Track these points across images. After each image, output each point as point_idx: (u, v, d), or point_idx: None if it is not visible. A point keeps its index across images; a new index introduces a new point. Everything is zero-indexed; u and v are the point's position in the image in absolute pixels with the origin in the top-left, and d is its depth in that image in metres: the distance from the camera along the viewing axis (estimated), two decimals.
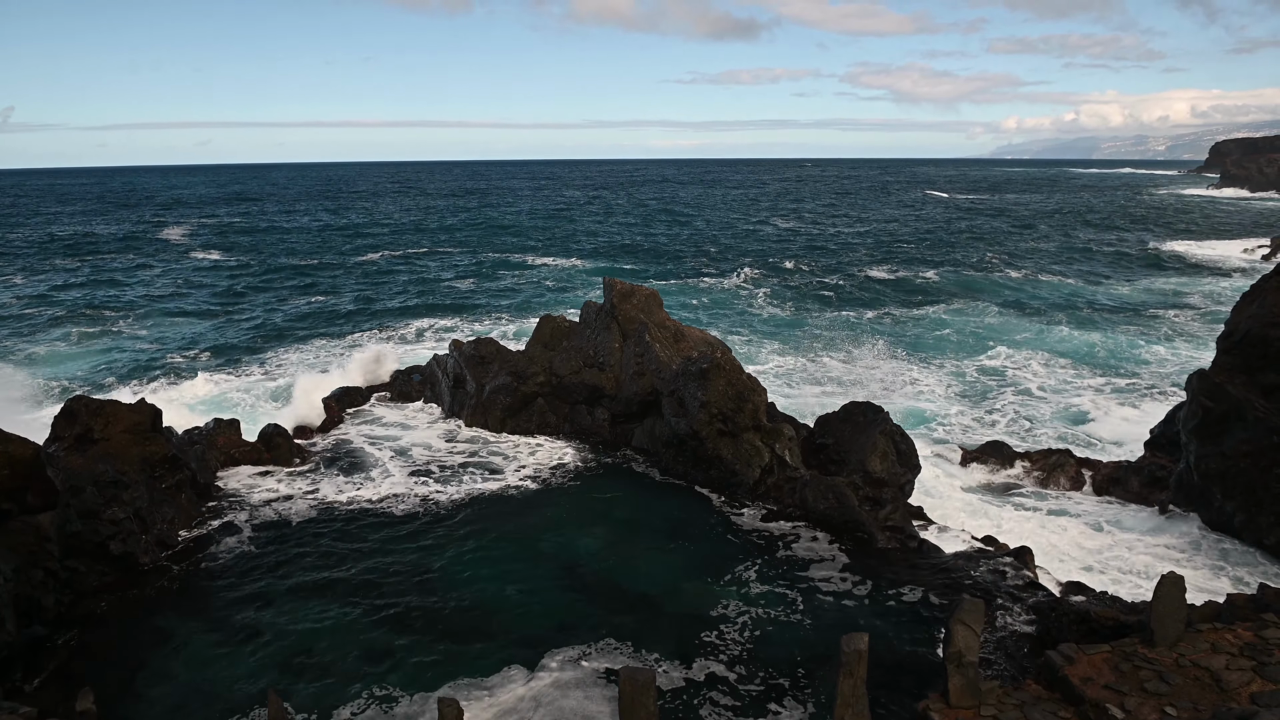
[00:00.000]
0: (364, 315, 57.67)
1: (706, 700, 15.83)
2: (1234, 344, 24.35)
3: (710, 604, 19.27)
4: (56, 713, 14.78)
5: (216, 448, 28.20)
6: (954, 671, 11.91)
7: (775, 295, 64.83)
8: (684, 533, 23.28)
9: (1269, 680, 11.53)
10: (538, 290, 67.71)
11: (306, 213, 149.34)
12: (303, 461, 28.73)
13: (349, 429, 32.61)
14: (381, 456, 29.41)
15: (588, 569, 21.15)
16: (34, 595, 17.38)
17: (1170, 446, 27.19)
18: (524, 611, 19.08)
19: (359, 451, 29.96)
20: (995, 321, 55.05)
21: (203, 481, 25.65)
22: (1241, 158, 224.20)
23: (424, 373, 37.13)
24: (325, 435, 31.74)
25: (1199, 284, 69.37)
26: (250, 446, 28.71)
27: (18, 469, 17.85)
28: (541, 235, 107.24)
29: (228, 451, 28.32)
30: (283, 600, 19.49)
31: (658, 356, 29.13)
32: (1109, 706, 11.22)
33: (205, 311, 59.27)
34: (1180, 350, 46.57)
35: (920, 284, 69.36)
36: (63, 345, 48.82)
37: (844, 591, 20.03)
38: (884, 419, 25.77)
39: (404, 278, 74.19)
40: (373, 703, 15.83)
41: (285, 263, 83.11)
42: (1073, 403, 37.40)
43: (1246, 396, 23.30)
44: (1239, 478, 23.08)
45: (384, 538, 23.00)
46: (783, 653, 17.33)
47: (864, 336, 50.42)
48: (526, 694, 15.91)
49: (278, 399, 37.84)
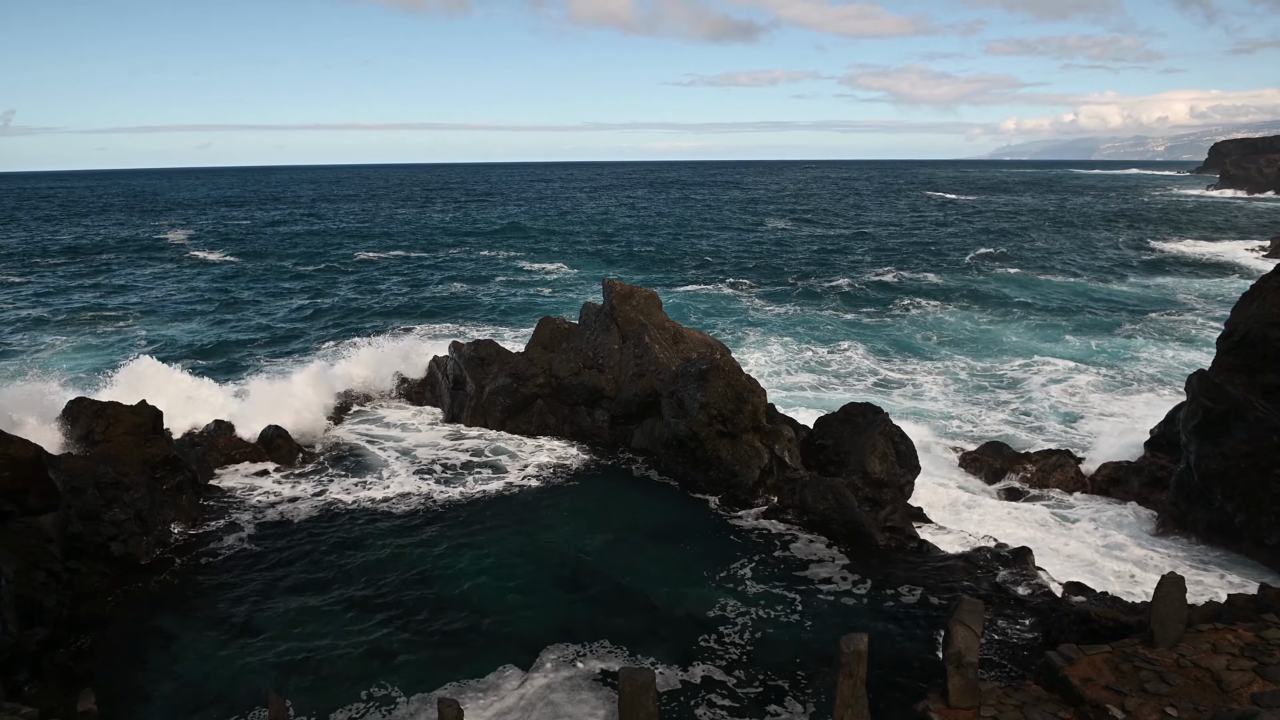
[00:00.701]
0: (363, 317, 57.67)
1: (706, 701, 15.84)
2: (1234, 344, 24.35)
3: (710, 605, 19.28)
4: (58, 713, 14.79)
5: (217, 449, 28.25)
6: (954, 672, 11.91)
7: (774, 296, 64.85)
8: (683, 534, 23.29)
9: (1270, 681, 11.53)
10: (537, 292, 67.74)
11: (305, 215, 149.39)
12: (303, 462, 28.75)
13: (349, 430, 32.62)
14: (381, 457, 29.43)
15: (587, 570, 21.17)
16: (35, 596, 17.38)
17: (1170, 447, 27.19)
18: (523, 612, 19.10)
19: (358, 452, 29.98)
20: (995, 322, 55.07)
21: (203, 482, 25.69)
22: (1241, 158, 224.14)
23: (424, 374, 37.14)
24: (325, 436, 31.74)
25: (1198, 284, 69.39)
26: (250, 447, 28.76)
27: (19, 470, 17.88)
28: (541, 237, 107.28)
29: (228, 452, 28.36)
30: (283, 600, 19.51)
31: (657, 358, 29.15)
32: (1109, 707, 11.22)
33: (204, 313, 59.29)
34: (1180, 351, 46.57)
35: (920, 284, 69.39)
36: (63, 346, 48.83)
37: (843, 592, 20.04)
38: (883, 420, 25.77)
39: (402, 280, 74.22)
40: (373, 702, 15.85)
41: (284, 265, 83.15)
42: (1072, 403, 37.40)
43: (1247, 397, 23.31)
44: (1239, 478, 23.07)
45: (384, 538, 23.02)
46: (782, 653, 17.34)
47: (864, 337, 50.43)
48: (525, 694, 15.93)
49: (278, 400, 37.85)
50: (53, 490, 18.60)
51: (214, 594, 19.85)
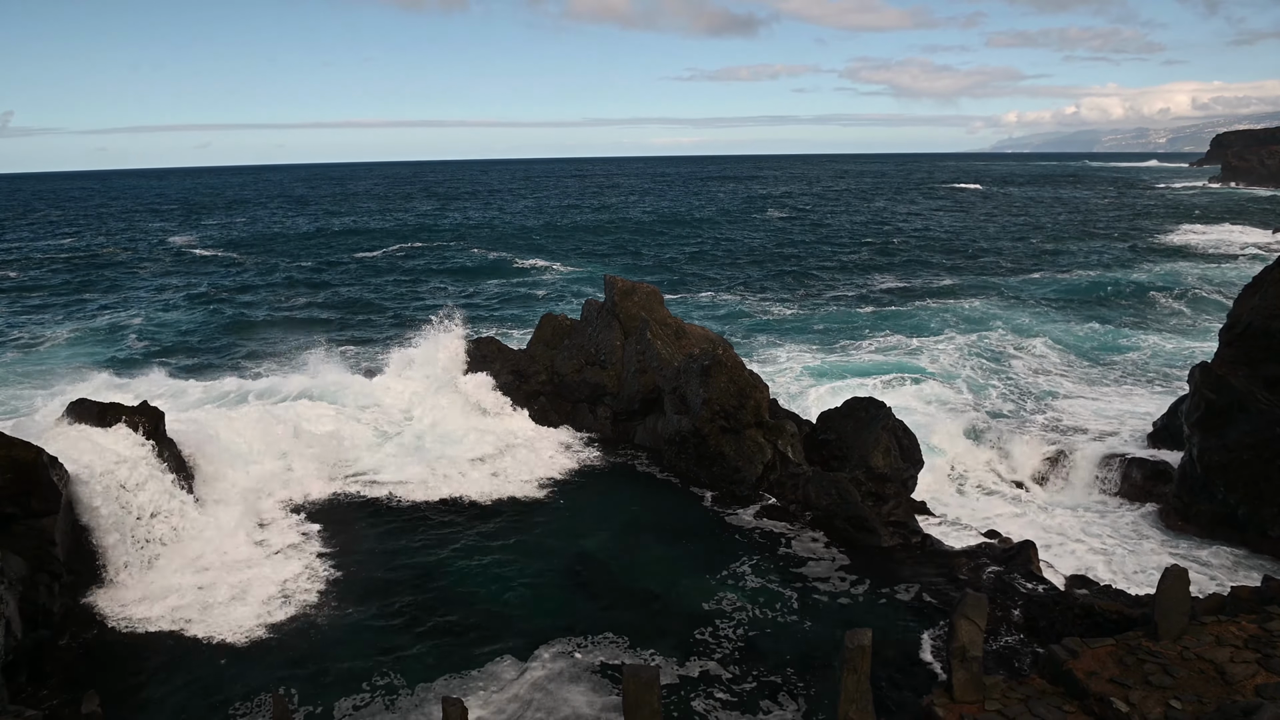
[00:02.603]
0: (363, 313, 57.67)
1: (709, 696, 15.85)
2: (1236, 336, 24.32)
3: (713, 600, 19.29)
4: (62, 716, 14.81)
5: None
6: (958, 666, 11.90)
7: (776, 292, 64.79)
8: (686, 529, 23.30)
9: (1273, 673, 11.51)
10: (538, 289, 67.69)
11: (306, 213, 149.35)
12: (305, 460, 28.67)
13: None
14: (383, 453, 29.39)
15: (589, 565, 21.20)
16: (39, 599, 17.40)
17: (1173, 439, 27.16)
18: (525, 607, 19.16)
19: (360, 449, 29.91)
20: (999, 315, 54.95)
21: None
22: (1243, 150, 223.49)
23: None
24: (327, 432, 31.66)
25: (1201, 276, 69.21)
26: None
27: (21, 473, 17.90)
28: (542, 234, 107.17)
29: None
30: (285, 597, 19.53)
31: (659, 354, 29.12)
32: (1113, 700, 11.21)
33: (203, 312, 59.26)
34: (1183, 343, 46.47)
35: (922, 277, 69.28)
36: (61, 346, 48.84)
37: (847, 587, 20.04)
38: (886, 414, 25.75)
39: (403, 277, 74.19)
40: (376, 698, 15.90)
41: (284, 263, 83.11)
42: (1076, 397, 37.35)
43: (1249, 389, 23.27)
44: (1242, 470, 23.04)
45: (386, 534, 23.07)
46: (786, 648, 17.34)
47: (867, 331, 50.37)
48: (526, 689, 15.96)
49: (279, 398, 37.83)
50: (55, 492, 18.62)
51: (217, 593, 19.85)
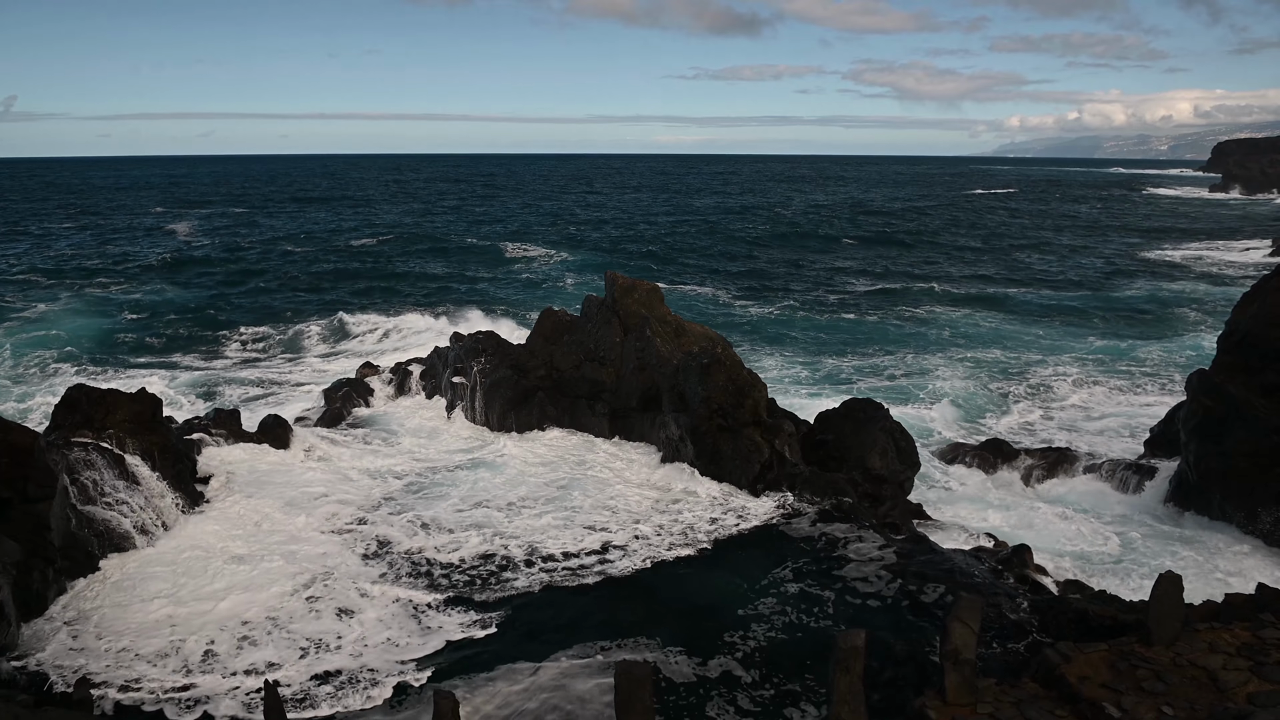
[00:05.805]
0: (363, 307, 57.63)
1: (700, 694, 15.86)
2: (1234, 344, 24.34)
3: (706, 599, 19.29)
4: (54, 701, 14.80)
5: (212, 435, 28.17)
6: (951, 669, 11.89)
7: (776, 292, 64.81)
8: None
9: (1266, 680, 11.52)
10: (539, 284, 67.70)
11: (307, 204, 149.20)
12: (303, 452, 28.70)
13: (349, 420, 32.61)
14: (381, 448, 29.42)
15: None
16: (33, 584, 17.40)
17: (1170, 446, 27.18)
18: (523, 605, 19.13)
19: (358, 443, 29.95)
20: (996, 320, 55.05)
21: (202, 471, 25.68)
22: (1244, 158, 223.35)
23: (425, 365, 37.08)
24: (324, 426, 31.73)
25: (1199, 284, 69.28)
26: (250, 436, 28.70)
27: (17, 458, 17.89)
28: (543, 230, 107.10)
29: (228, 441, 28.29)
30: (279, 586, 19.51)
31: (658, 351, 29.10)
32: (1106, 705, 11.22)
33: (201, 301, 59.25)
34: (1180, 350, 46.53)
35: (922, 283, 69.33)
36: (59, 336, 48.79)
37: (841, 588, 20.02)
38: (884, 416, 25.76)
39: (404, 269, 74.14)
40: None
41: (284, 251, 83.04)
42: (1072, 401, 37.41)
43: (1246, 396, 23.29)
44: (1238, 477, 23.07)
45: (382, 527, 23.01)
46: (778, 648, 17.34)
47: (866, 334, 50.41)
48: (524, 687, 15.94)
49: (277, 389, 37.88)
50: (51, 478, 18.61)
51: (212, 582, 19.86)
